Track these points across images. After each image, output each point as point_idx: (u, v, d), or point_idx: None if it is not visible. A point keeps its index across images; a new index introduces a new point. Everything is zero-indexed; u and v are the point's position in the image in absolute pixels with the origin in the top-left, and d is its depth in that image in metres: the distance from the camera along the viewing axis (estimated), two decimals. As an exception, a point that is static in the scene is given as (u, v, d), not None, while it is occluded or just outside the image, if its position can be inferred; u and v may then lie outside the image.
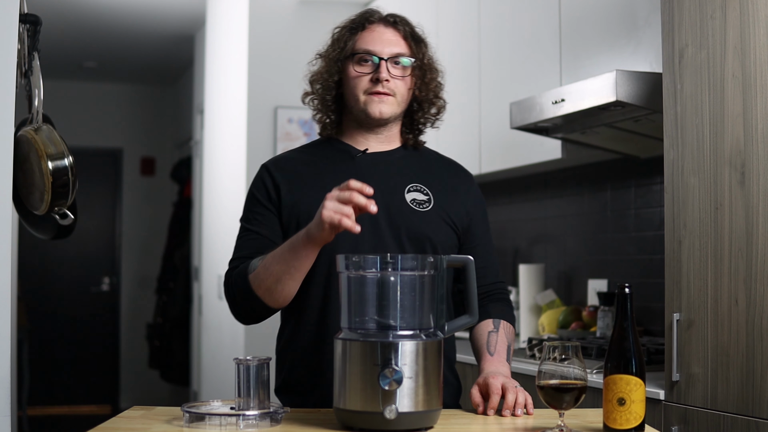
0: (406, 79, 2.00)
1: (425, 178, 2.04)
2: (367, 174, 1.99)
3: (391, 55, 1.97)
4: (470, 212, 2.07)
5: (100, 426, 1.64)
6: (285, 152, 2.13)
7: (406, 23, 2.04)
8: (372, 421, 1.57)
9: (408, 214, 1.97)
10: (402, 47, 1.99)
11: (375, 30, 2.00)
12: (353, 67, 1.98)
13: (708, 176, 2.23)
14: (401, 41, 2.00)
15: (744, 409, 2.11)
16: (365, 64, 1.97)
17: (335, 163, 2.03)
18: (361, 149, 2.04)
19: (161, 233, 7.57)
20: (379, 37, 1.99)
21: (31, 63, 2.48)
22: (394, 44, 1.99)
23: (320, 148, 2.08)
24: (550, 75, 3.31)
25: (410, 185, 2.01)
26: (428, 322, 1.63)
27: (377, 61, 1.97)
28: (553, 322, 3.48)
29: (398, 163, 2.05)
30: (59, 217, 2.46)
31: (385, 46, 1.98)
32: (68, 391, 7.67)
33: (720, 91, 2.21)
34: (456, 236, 2.03)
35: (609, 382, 1.60)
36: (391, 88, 1.97)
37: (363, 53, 1.97)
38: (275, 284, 1.84)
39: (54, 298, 7.74)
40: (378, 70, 1.96)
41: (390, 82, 1.96)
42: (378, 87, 1.96)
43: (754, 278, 2.10)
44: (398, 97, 1.99)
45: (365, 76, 1.97)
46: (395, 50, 1.98)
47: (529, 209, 4.06)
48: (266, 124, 4.86)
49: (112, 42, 6.71)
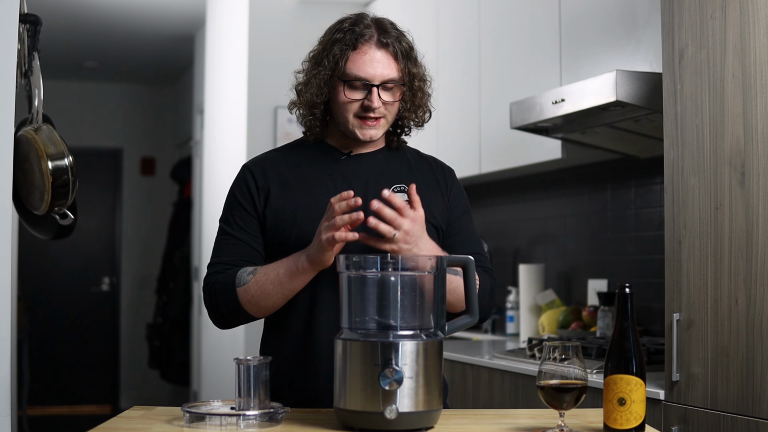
0: (397, 102, 1.97)
1: (407, 177, 2.03)
2: (353, 176, 1.99)
3: (383, 81, 1.92)
4: (451, 207, 2.05)
5: (100, 426, 1.64)
6: (266, 152, 2.09)
7: (397, 39, 1.96)
8: (372, 421, 1.57)
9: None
10: (393, 70, 1.93)
11: (367, 53, 1.92)
12: (344, 91, 1.93)
13: (708, 176, 2.23)
14: (392, 63, 1.93)
15: (744, 409, 2.11)
16: (355, 91, 1.93)
17: (320, 165, 2.01)
18: (344, 151, 2.03)
19: (161, 233, 7.57)
20: (370, 60, 1.92)
21: (31, 63, 2.48)
22: (386, 67, 1.93)
23: (303, 149, 2.05)
24: (550, 75, 3.31)
25: (394, 186, 2.00)
26: (428, 322, 1.64)
27: (369, 88, 1.92)
28: (553, 322, 3.48)
29: (382, 164, 2.03)
30: (59, 217, 2.46)
31: (377, 70, 1.91)
32: (68, 391, 7.67)
33: (720, 91, 2.21)
34: (437, 235, 2.01)
35: (609, 382, 1.60)
36: (382, 112, 1.95)
37: (354, 80, 1.92)
38: (266, 301, 1.88)
39: (54, 298, 7.73)
40: (370, 98, 1.92)
41: (380, 108, 1.93)
42: (369, 113, 1.93)
43: (754, 278, 2.10)
44: (388, 118, 1.97)
45: (356, 102, 1.93)
46: (387, 75, 1.92)
47: (529, 209, 4.06)
48: (266, 124, 4.86)
49: (112, 42, 6.71)
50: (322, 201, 1.90)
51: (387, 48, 1.94)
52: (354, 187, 1.96)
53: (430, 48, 4.16)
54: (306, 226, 1.92)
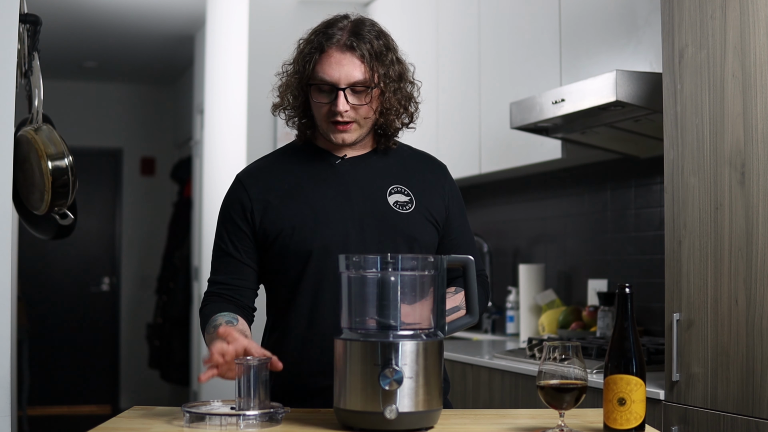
0: (366, 105, 1.93)
1: (404, 177, 2.02)
2: (349, 179, 1.98)
3: (349, 84, 1.90)
4: (448, 206, 2.05)
5: (100, 426, 1.64)
6: (258, 160, 2.07)
7: (365, 41, 1.92)
8: (372, 421, 1.57)
9: (393, 217, 1.96)
10: (360, 72, 1.90)
11: (332, 56, 1.90)
12: (313, 94, 1.93)
13: (708, 176, 2.23)
14: (359, 65, 1.90)
15: (744, 409, 2.11)
16: (323, 94, 1.92)
17: (315, 170, 2.00)
18: (336, 153, 2.01)
19: (161, 233, 7.57)
20: (336, 63, 1.90)
21: (31, 63, 2.48)
22: (352, 69, 1.89)
23: (296, 153, 2.04)
24: (550, 75, 3.31)
25: (391, 187, 1.99)
26: (428, 322, 1.64)
27: (335, 91, 1.90)
28: (553, 322, 3.48)
29: (377, 165, 2.02)
30: (59, 217, 2.46)
31: (342, 73, 1.89)
32: (68, 391, 7.67)
33: (720, 91, 2.21)
34: (437, 233, 2.02)
35: (609, 382, 1.60)
36: (352, 116, 1.92)
37: (321, 83, 1.91)
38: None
39: (54, 298, 7.73)
40: (336, 102, 1.90)
41: (349, 111, 1.91)
42: (337, 117, 1.92)
43: (754, 278, 2.10)
44: (360, 122, 1.95)
45: (325, 105, 1.92)
46: (352, 77, 1.89)
47: (529, 209, 4.06)
48: (266, 124, 4.85)
49: (112, 42, 6.71)
50: (320, 208, 1.91)
51: (353, 50, 1.91)
52: (350, 190, 1.96)
53: (430, 48, 4.16)
54: (305, 234, 1.92)
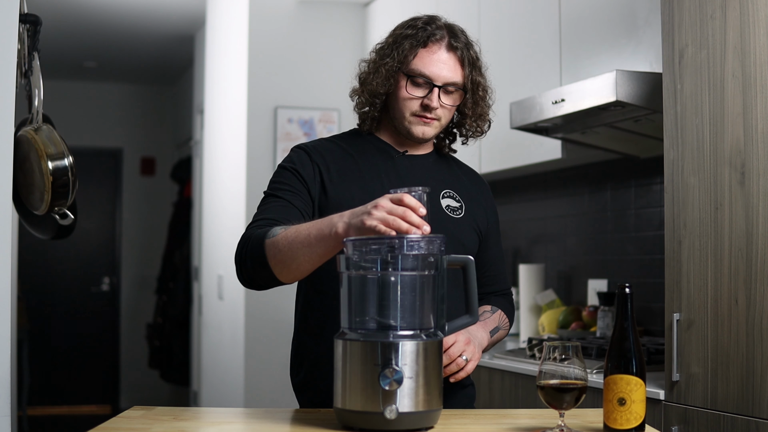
0: (454, 106, 1.99)
1: (455, 184, 2.07)
2: (405, 176, 2.00)
3: (445, 83, 1.95)
4: (489, 221, 2.12)
5: (100, 426, 1.64)
6: (318, 139, 2.07)
7: (467, 46, 1.99)
8: (372, 421, 1.57)
9: (444, 220, 1.99)
10: (457, 74, 1.96)
11: (435, 53, 1.95)
12: (406, 87, 1.95)
13: (708, 176, 2.24)
14: (458, 68, 1.96)
15: (744, 409, 2.11)
16: (418, 87, 1.95)
17: (375, 160, 2.01)
18: (398, 148, 2.04)
19: (161, 233, 7.57)
20: (437, 60, 1.94)
21: (31, 63, 2.48)
22: (451, 70, 1.95)
23: (357, 141, 2.05)
24: (550, 75, 3.31)
25: (444, 191, 2.03)
26: (429, 322, 1.64)
27: (431, 87, 1.94)
28: (553, 322, 3.48)
29: (432, 167, 2.06)
30: (59, 217, 2.46)
31: (441, 71, 1.94)
32: (68, 391, 7.67)
33: (720, 91, 2.21)
34: (479, 243, 2.07)
35: (609, 382, 1.60)
36: (439, 114, 1.97)
37: (418, 76, 1.94)
38: (292, 262, 1.73)
39: (54, 298, 7.73)
40: (430, 97, 1.94)
41: (438, 110, 1.96)
42: (426, 113, 1.96)
43: (754, 278, 2.10)
44: (443, 121, 2.00)
45: (416, 99, 1.96)
46: (450, 78, 1.95)
47: (529, 209, 4.06)
48: (266, 124, 4.85)
49: (112, 42, 6.71)
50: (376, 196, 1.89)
51: (455, 52, 1.96)
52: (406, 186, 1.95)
53: (430, 48, 4.16)
54: None
